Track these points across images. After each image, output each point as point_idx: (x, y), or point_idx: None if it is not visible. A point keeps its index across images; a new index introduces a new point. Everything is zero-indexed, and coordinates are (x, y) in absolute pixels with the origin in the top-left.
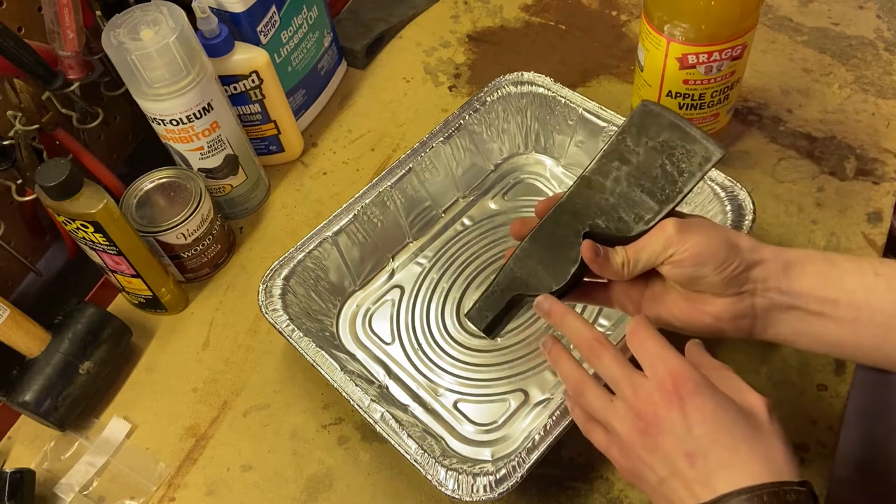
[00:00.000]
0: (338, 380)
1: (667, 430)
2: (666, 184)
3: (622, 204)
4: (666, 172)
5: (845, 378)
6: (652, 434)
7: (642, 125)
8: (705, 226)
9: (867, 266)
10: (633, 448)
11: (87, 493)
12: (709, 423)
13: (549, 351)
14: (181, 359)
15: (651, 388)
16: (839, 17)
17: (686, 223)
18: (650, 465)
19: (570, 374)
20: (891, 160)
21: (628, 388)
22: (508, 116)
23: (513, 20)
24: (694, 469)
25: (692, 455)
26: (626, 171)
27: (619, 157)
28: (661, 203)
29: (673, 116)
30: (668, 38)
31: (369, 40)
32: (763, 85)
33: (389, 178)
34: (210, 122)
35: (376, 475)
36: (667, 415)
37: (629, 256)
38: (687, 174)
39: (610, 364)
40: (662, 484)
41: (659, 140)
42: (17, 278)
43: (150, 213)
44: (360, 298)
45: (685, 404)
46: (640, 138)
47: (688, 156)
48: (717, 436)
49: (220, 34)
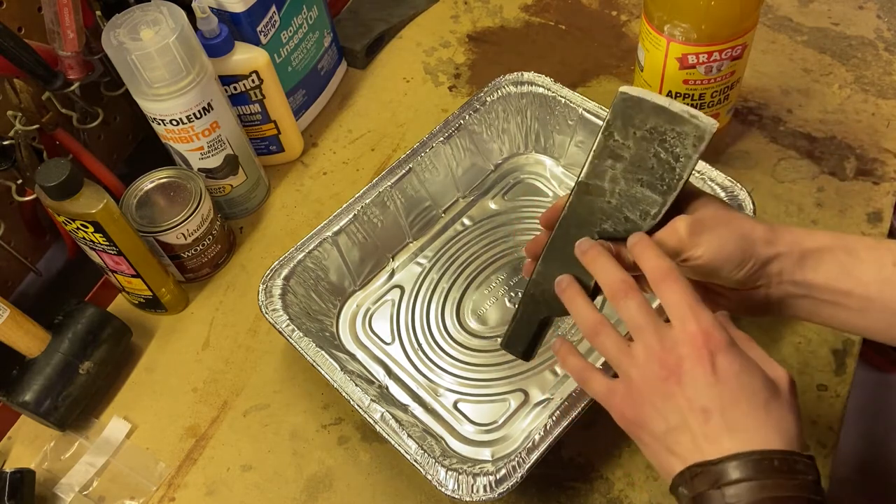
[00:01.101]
0: (338, 380)
1: (688, 381)
2: (664, 172)
3: (625, 203)
4: (661, 161)
5: (845, 378)
6: (671, 383)
7: (626, 116)
8: (719, 221)
9: (886, 254)
10: (645, 394)
11: (87, 493)
12: (732, 383)
13: (564, 290)
14: (181, 359)
15: (678, 338)
16: (839, 17)
17: (698, 221)
18: (661, 412)
19: (587, 314)
20: (891, 160)
21: (653, 335)
22: (508, 116)
23: (513, 20)
24: (707, 425)
25: (708, 411)
26: (622, 168)
27: (611, 154)
28: (664, 194)
29: (655, 99)
30: (668, 38)
31: (369, 40)
32: (763, 85)
33: (389, 178)
34: (210, 122)
35: (376, 475)
36: (691, 367)
37: None
38: (683, 158)
39: (637, 308)
40: (668, 434)
41: (647, 128)
42: (17, 278)
43: (150, 213)
44: (360, 298)
45: (714, 360)
46: (627, 130)
47: (680, 138)
48: (738, 397)
49: (220, 34)
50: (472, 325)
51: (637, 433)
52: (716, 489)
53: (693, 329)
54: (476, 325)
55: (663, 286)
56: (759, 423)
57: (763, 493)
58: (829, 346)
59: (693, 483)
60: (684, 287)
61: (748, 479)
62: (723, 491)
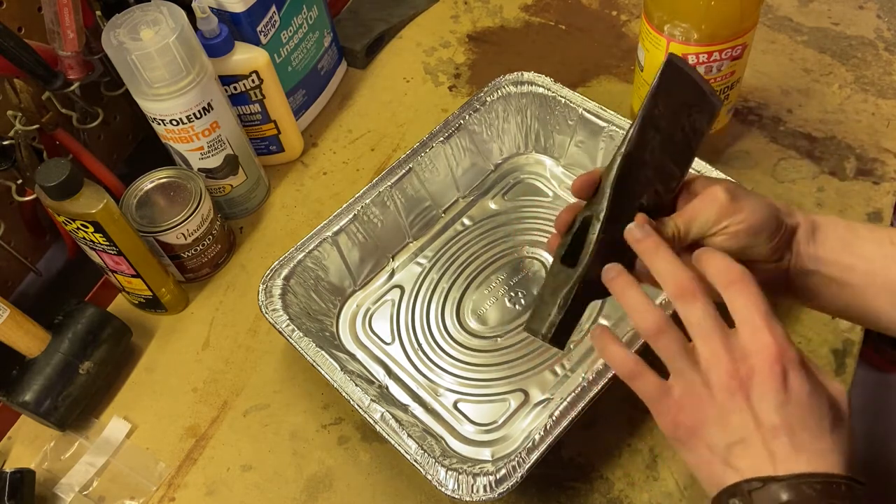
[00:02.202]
0: (338, 380)
1: (758, 396)
2: (684, 146)
3: (657, 176)
4: (685, 134)
5: (845, 378)
6: (739, 396)
7: (670, 86)
8: (749, 192)
9: (885, 235)
10: (708, 403)
11: (87, 493)
12: (804, 404)
13: (613, 279)
14: (181, 359)
15: (749, 349)
16: (839, 17)
17: (735, 189)
18: (725, 424)
19: (646, 310)
20: (891, 160)
21: (720, 342)
22: (508, 116)
23: (513, 20)
24: (774, 442)
25: (777, 429)
26: (659, 140)
27: (654, 124)
28: (682, 167)
29: (693, 73)
30: (668, 38)
31: (369, 40)
32: (763, 85)
33: (389, 178)
34: (210, 122)
35: (376, 475)
36: (763, 382)
37: (679, 227)
38: (698, 133)
39: (703, 311)
40: (729, 447)
41: (682, 101)
42: (17, 278)
43: (150, 213)
44: (360, 298)
45: (786, 376)
46: (668, 101)
47: (700, 114)
48: (807, 418)
49: (220, 34)
50: (472, 325)
51: (689, 441)
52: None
53: (767, 341)
54: (476, 325)
55: (734, 290)
56: (825, 447)
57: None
58: (829, 346)
59: (751, 497)
60: (757, 294)
61: (810, 500)
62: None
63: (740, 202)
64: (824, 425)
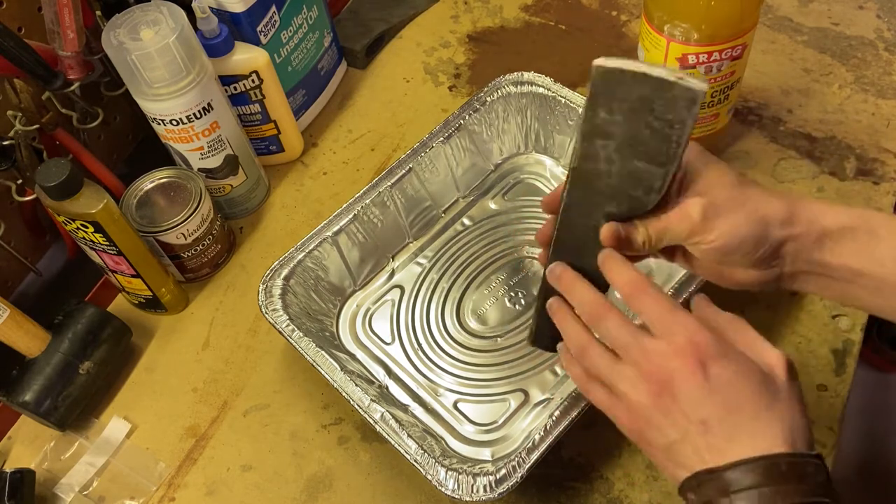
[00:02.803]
0: (338, 380)
1: (682, 395)
2: (661, 143)
3: (626, 181)
4: (656, 131)
5: (845, 378)
6: (665, 399)
7: (608, 90)
8: (735, 203)
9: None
10: (642, 411)
11: (87, 493)
12: (728, 391)
13: (554, 311)
14: (181, 359)
15: (665, 351)
16: (839, 17)
17: (712, 206)
18: (660, 428)
19: (574, 333)
20: (891, 160)
21: (638, 351)
22: (508, 116)
23: (513, 20)
24: (708, 435)
25: (706, 422)
26: (615, 146)
27: (600, 133)
28: (665, 164)
29: (635, 67)
30: (668, 38)
31: (369, 40)
32: (763, 85)
33: (389, 178)
34: (210, 122)
35: (376, 475)
36: (683, 380)
37: (650, 235)
38: (678, 124)
39: (616, 327)
40: (670, 447)
41: (633, 99)
42: (17, 278)
43: (150, 213)
44: (360, 298)
45: (706, 370)
46: (612, 105)
47: (670, 104)
48: (735, 404)
49: (220, 34)
50: (472, 325)
51: (642, 445)
52: (724, 497)
53: (680, 340)
54: (476, 325)
55: (639, 300)
56: (760, 427)
57: (775, 499)
58: (829, 346)
59: (700, 490)
60: (659, 296)
61: (757, 485)
62: (731, 499)
63: (715, 221)
64: (759, 403)
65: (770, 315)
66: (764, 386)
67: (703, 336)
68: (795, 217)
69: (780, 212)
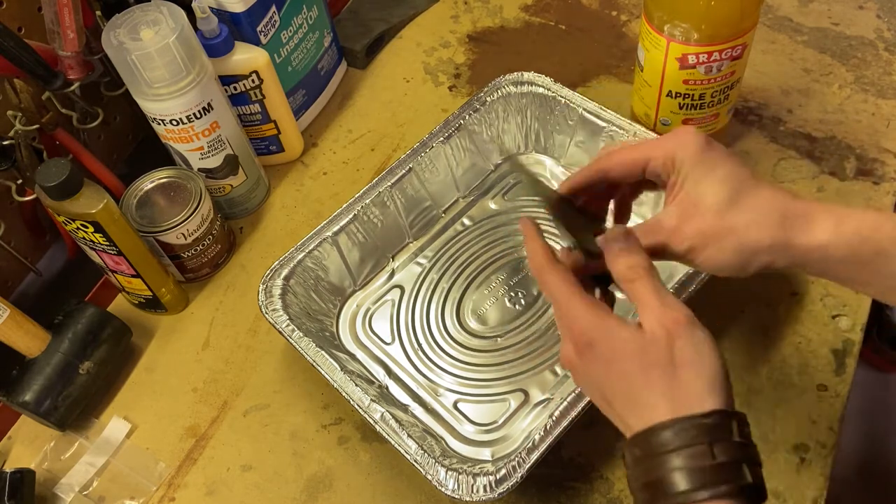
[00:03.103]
0: (338, 380)
1: (584, 376)
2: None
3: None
4: None
5: (845, 378)
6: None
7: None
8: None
9: None
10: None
11: (87, 493)
12: (611, 370)
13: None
14: (181, 359)
15: (564, 337)
16: (839, 17)
17: (698, 235)
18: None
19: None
20: (891, 160)
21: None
22: (508, 116)
23: (513, 20)
24: (613, 409)
25: (606, 399)
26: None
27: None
28: None
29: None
30: (668, 38)
31: (369, 40)
32: (763, 85)
33: (389, 178)
34: (210, 122)
35: (376, 475)
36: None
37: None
38: None
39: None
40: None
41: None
42: (17, 278)
43: (150, 213)
44: (360, 298)
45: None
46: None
47: None
48: (619, 382)
49: (220, 34)
50: (472, 325)
51: None
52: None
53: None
54: (476, 325)
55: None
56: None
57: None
58: (829, 346)
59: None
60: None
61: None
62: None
63: (700, 253)
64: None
65: (770, 315)
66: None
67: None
68: (792, 243)
69: (774, 239)
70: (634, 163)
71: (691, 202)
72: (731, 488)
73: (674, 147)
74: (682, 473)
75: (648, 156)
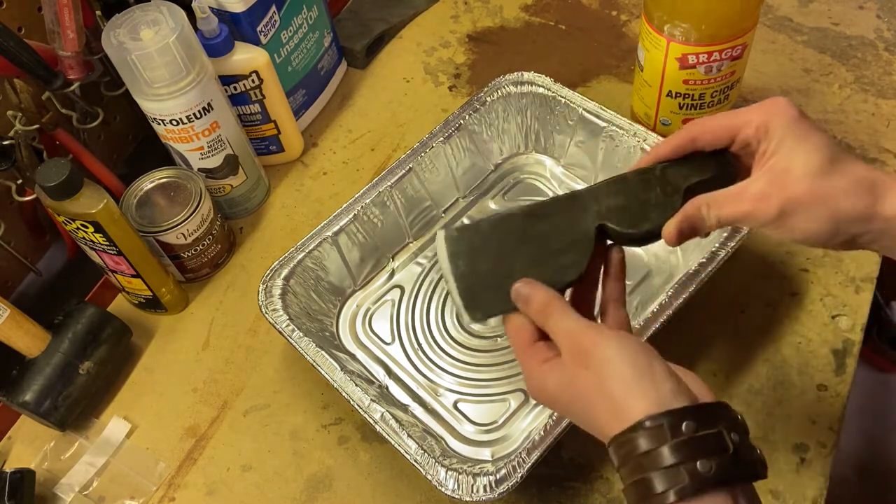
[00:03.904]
0: (338, 380)
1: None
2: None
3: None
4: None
5: (845, 378)
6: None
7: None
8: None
9: None
10: None
11: (87, 493)
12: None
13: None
14: (181, 359)
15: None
16: (839, 17)
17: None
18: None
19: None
20: (891, 160)
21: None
22: (508, 116)
23: (513, 20)
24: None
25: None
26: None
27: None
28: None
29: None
30: (668, 38)
31: (369, 40)
32: (763, 85)
33: (389, 178)
34: (210, 122)
35: (376, 475)
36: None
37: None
38: None
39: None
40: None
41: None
42: (17, 278)
43: (150, 213)
44: (360, 298)
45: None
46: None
47: None
48: (580, 417)
49: (220, 34)
50: (472, 326)
51: None
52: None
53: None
54: (476, 326)
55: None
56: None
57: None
58: (829, 346)
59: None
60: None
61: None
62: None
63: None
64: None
65: (770, 315)
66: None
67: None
68: (877, 212)
69: (860, 209)
70: (726, 129)
71: (783, 168)
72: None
73: (768, 115)
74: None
75: (742, 121)
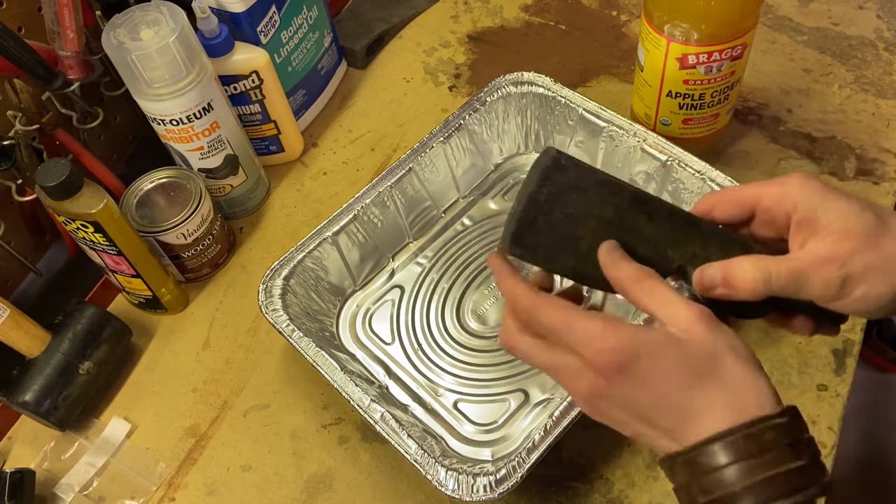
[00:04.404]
0: (338, 380)
1: (615, 403)
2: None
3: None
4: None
5: (845, 378)
6: (602, 406)
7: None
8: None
9: None
10: (591, 413)
11: (87, 493)
12: (655, 386)
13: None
14: (181, 359)
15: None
16: (839, 17)
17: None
18: (616, 424)
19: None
20: (891, 160)
21: (558, 373)
22: (508, 116)
23: (513, 20)
24: (656, 429)
25: (648, 419)
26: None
27: None
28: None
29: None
30: (668, 38)
31: (369, 40)
32: (763, 85)
33: (389, 178)
34: (210, 122)
35: (376, 475)
36: (609, 390)
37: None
38: None
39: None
40: (638, 437)
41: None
42: (17, 278)
43: (150, 213)
44: (360, 298)
45: (626, 376)
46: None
47: None
48: (667, 396)
49: (220, 34)
50: (472, 325)
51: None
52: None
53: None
54: (476, 325)
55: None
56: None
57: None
58: (829, 346)
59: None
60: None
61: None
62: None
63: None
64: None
65: None
66: (688, 366)
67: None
68: None
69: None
70: (742, 201)
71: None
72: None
73: (789, 186)
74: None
75: (761, 192)
